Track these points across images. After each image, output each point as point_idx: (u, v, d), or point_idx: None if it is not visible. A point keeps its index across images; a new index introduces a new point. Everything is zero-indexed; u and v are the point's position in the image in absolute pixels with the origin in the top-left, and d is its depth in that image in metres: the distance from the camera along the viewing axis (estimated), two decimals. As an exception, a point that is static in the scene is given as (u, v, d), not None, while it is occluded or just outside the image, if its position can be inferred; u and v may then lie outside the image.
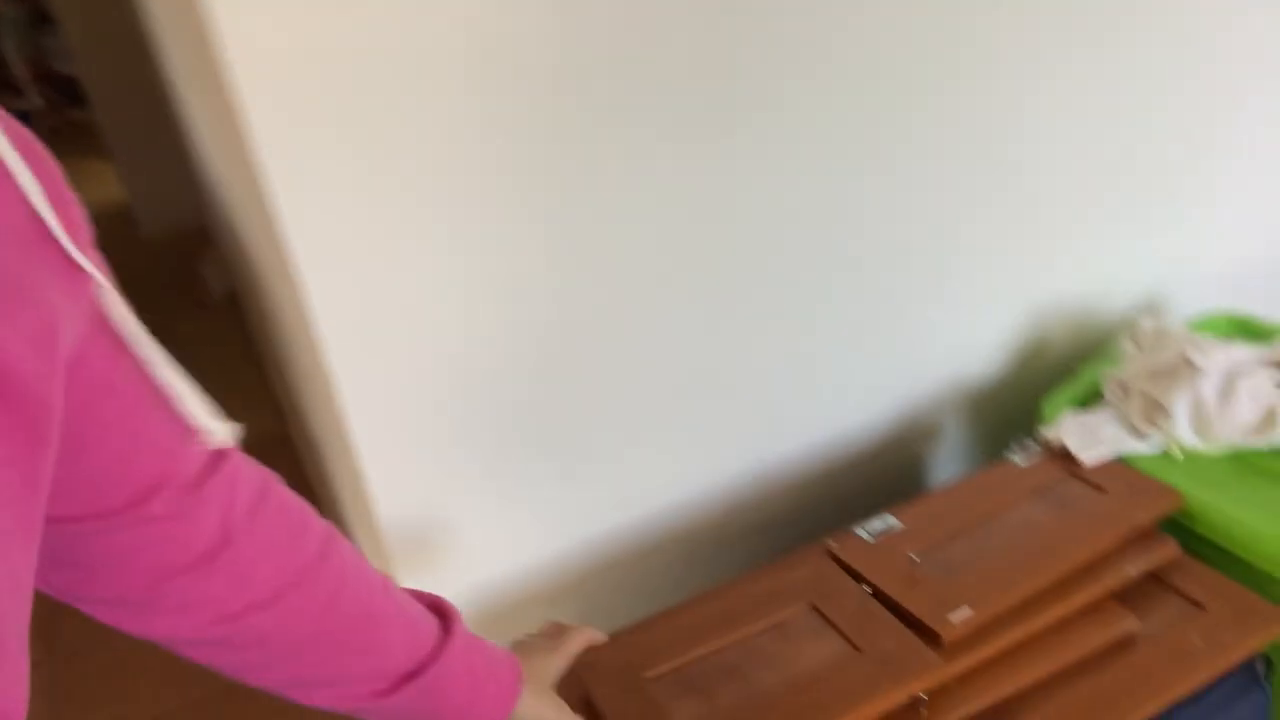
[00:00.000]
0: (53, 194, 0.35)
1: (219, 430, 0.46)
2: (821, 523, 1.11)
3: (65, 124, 5.18)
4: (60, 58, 5.03)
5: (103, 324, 0.39)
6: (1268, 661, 0.94)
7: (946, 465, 1.35)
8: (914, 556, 0.95)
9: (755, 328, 1.06)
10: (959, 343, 1.26)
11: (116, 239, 3.70)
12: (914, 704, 0.83)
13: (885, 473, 1.28)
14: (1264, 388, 1.09)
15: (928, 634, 0.86)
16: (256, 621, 0.49)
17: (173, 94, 2.64)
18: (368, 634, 0.55)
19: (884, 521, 1.01)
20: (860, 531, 1.00)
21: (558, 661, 0.74)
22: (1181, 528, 1.01)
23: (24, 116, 5.15)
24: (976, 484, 1.07)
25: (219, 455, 0.47)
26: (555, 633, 0.79)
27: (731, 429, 1.11)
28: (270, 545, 0.50)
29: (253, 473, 0.52)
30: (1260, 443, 1.07)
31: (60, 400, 0.34)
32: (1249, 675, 0.92)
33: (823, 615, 0.90)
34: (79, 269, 0.36)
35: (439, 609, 0.62)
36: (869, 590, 0.92)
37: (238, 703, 1.52)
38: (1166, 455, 1.08)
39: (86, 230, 0.38)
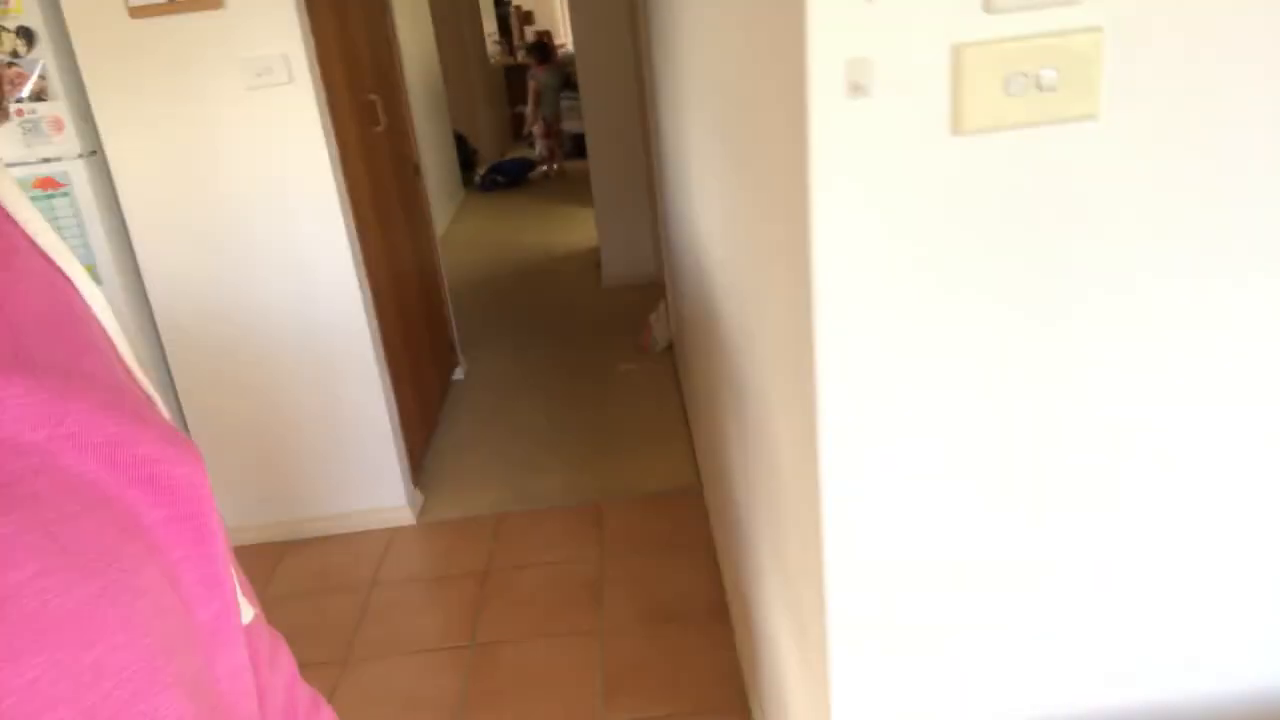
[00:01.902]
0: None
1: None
2: None
3: (559, 172, 6.05)
4: (569, 118, 5.88)
5: None
6: None
7: None
8: None
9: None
10: None
11: (584, 281, 4.20)
12: None
13: None
14: None
15: None
16: None
17: (657, 165, 2.88)
18: None
19: None
20: None
21: None
22: None
23: (529, 164, 6.16)
24: None
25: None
26: None
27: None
28: None
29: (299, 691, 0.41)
30: None
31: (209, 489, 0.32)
32: None
33: None
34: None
35: None
36: None
37: None
38: None
39: None
